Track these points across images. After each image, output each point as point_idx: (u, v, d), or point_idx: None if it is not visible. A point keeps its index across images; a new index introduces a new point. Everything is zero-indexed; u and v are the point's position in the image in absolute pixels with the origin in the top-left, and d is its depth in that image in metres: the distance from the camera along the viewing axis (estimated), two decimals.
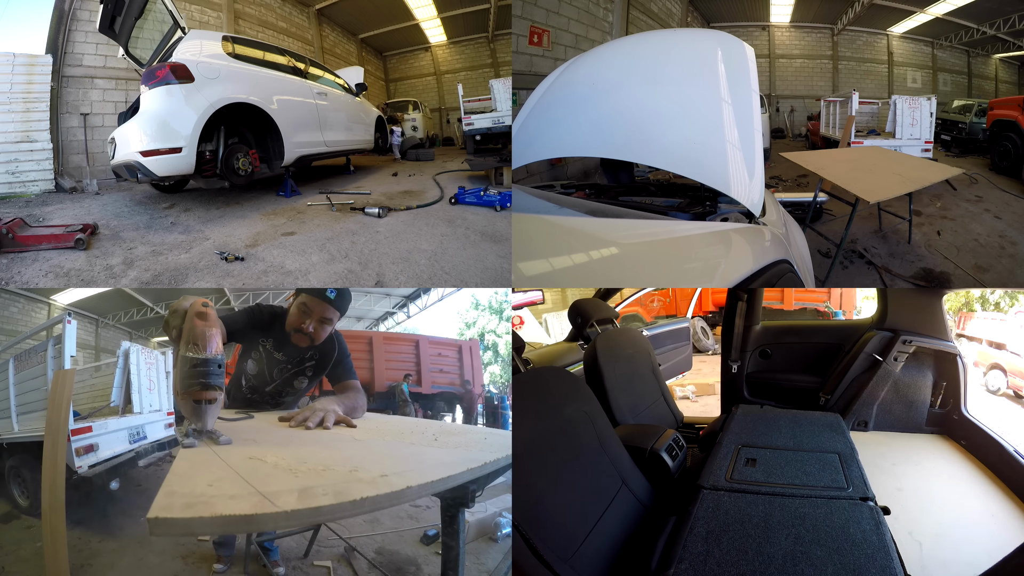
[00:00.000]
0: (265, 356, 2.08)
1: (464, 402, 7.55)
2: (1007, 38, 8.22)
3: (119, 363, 3.46)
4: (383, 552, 2.97)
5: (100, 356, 8.32)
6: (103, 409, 3.43)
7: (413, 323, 9.61)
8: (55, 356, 3.05)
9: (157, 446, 3.52)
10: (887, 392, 2.98)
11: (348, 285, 3.03)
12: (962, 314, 7.21)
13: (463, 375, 7.70)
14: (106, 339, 9.21)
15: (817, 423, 2.47)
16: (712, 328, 7.71)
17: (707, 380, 5.71)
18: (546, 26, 5.55)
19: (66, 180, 4.87)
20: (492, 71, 8.98)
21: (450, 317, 11.35)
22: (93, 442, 3.05)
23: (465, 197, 4.47)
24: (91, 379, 3.92)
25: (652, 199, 2.57)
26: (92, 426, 3.07)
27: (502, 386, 8.74)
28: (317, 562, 2.74)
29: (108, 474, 3.09)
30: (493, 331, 10.92)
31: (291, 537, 2.82)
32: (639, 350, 3.00)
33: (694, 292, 7.58)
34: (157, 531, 0.88)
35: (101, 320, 9.35)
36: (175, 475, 1.13)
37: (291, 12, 7.77)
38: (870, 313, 3.42)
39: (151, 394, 3.61)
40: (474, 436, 1.76)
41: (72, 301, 8.23)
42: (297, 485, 1.10)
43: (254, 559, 2.57)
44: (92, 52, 5.16)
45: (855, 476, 1.93)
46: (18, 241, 3.33)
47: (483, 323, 11.17)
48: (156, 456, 3.52)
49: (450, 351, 7.86)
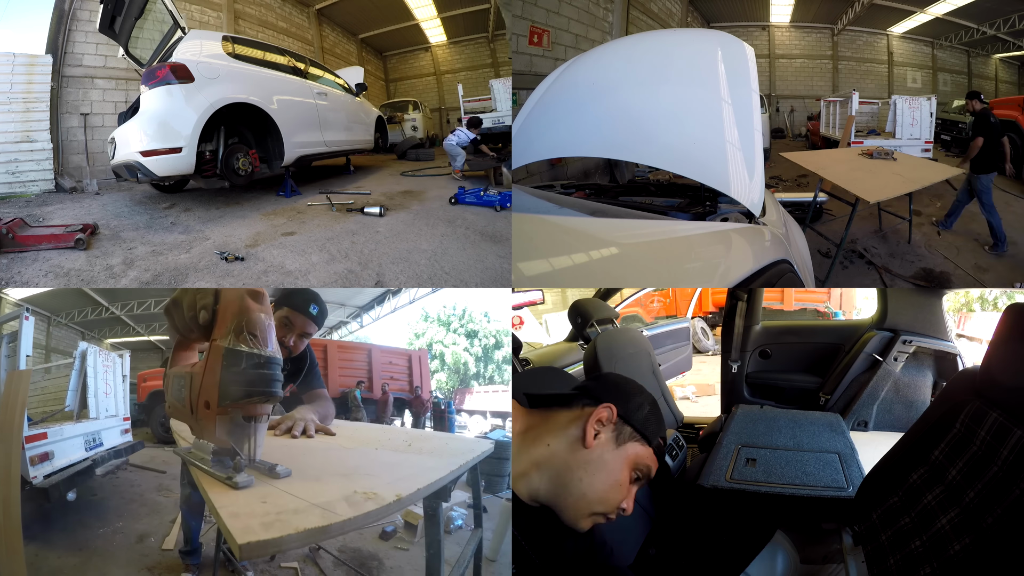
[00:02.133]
0: None
1: (413, 407, 8.03)
2: (1007, 38, 8.21)
3: (75, 365, 3.28)
4: (345, 550, 3.00)
5: (51, 357, 7.68)
6: (57, 414, 3.25)
7: (365, 333, 10.05)
8: (9, 355, 2.86)
9: (114, 453, 3.34)
10: (887, 392, 2.98)
11: (348, 285, 3.03)
12: (962, 314, 7.21)
13: (412, 382, 8.16)
14: (57, 338, 8.52)
15: (817, 423, 2.47)
16: (712, 328, 7.71)
17: (707, 380, 5.71)
18: (546, 26, 5.55)
19: (66, 180, 4.87)
20: (492, 71, 8.97)
21: (401, 328, 11.91)
22: (48, 450, 2.85)
23: (465, 197, 4.46)
24: (42, 381, 3.72)
25: (652, 199, 2.58)
26: (47, 432, 2.86)
27: (448, 393, 9.47)
28: (284, 564, 2.74)
29: (65, 484, 2.87)
30: (441, 342, 11.49)
31: None
32: (639, 350, 3.00)
33: (694, 292, 7.59)
34: (249, 555, 0.88)
35: (53, 318, 8.57)
36: (220, 495, 1.09)
37: (291, 12, 7.76)
38: (870, 313, 3.42)
39: (107, 398, 3.43)
40: (438, 442, 1.91)
41: (24, 296, 7.90)
42: (339, 494, 1.12)
43: (223, 565, 2.54)
44: (92, 52, 5.16)
45: (855, 476, 1.94)
46: (18, 241, 3.32)
47: (432, 334, 11.82)
48: (113, 464, 3.35)
49: (400, 360, 8.29)
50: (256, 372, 1.09)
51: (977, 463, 1.29)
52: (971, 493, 1.27)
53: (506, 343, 11.47)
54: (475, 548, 2.05)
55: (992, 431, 1.29)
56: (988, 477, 1.24)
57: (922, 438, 1.51)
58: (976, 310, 7.39)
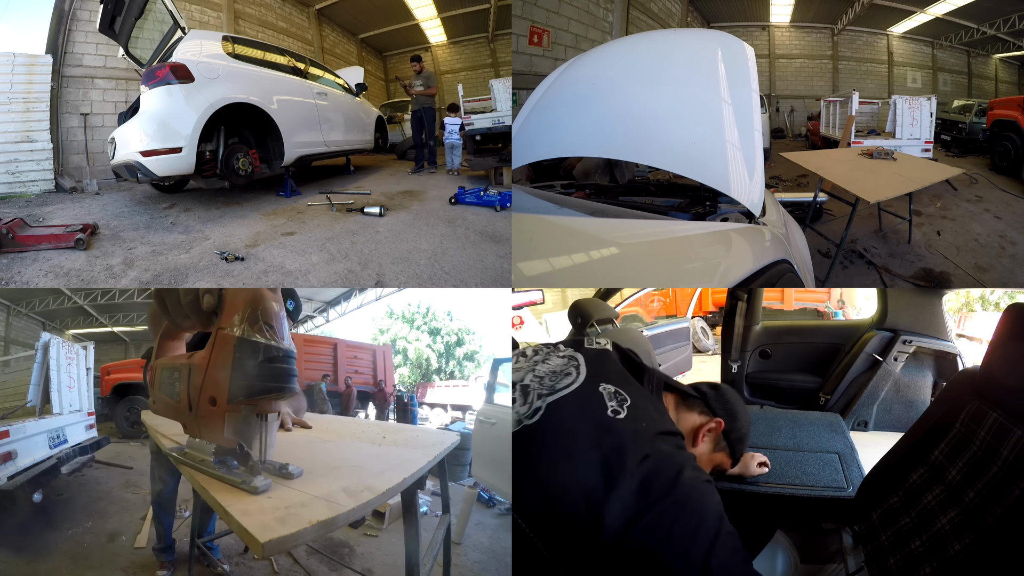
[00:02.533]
0: None
1: (377, 400, 8.27)
2: (1007, 38, 8.21)
3: (37, 357, 3.13)
4: (316, 539, 2.98)
5: (10, 349, 7.36)
6: (18, 410, 3.10)
7: (331, 327, 10.30)
8: None
9: (79, 450, 3.19)
10: (887, 392, 2.98)
11: (348, 285, 3.03)
12: (962, 314, 7.21)
13: (376, 376, 8.40)
14: (17, 329, 8.10)
15: (817, 423, 2.47)
16: (712, 328, 7.71)
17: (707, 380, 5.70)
18: (546, 26, 5.55)
19: (66, 180, 4.87)
20: (492, 71, 8.97)
21: (366, 324, 12.24)
22: (11, 448, 2.71)
23: (465, 197, 4.46)
24: (2, 375, 3.57)
25: (652, 199, 2.57)
26: (9, 430, 2.71)
27: (410, 386, 9.89)
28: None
29: (30, 485, 2.72)
30: (404, 338, 11.93)
31: (231, 535, 2.75)
32: (639, 350, 3.00)
33: (694, 292, 7.59)
34: (271, 552, 0.88)
35: (13, 307, 8.17)
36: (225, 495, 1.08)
37: (291, 12, 7.76)
38: (870, 313, 3.42)
39: (71, 392, 3.27)
40: (410, 434, 2.05)
41: None
42: (337, 486, 1.14)
43: (198, 561, 2.53)
44: (92, 52, 5.16)
45: (855, 476, 1.94)
46: (18, 241, 3.32)
47: (396, 330, 12.24)
48: (79, 461, 3.20)
49: (365, 354, 8.51)
50: (273, 366, 1.01)
51: (977, 463, 1.29)
52: (971, 493, 1.27)
53: (467, 340, 11.76)
54: (445, 532, 2.17)
55: (992, 431, 1.29)
56: (988, 477, 1.24)
57: (922, 438, 1.51)
58: (976, 310, 7.39)
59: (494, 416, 3.28)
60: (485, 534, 3.56)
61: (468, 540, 3.37)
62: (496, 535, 3.60)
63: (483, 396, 3.65)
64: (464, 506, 3.44)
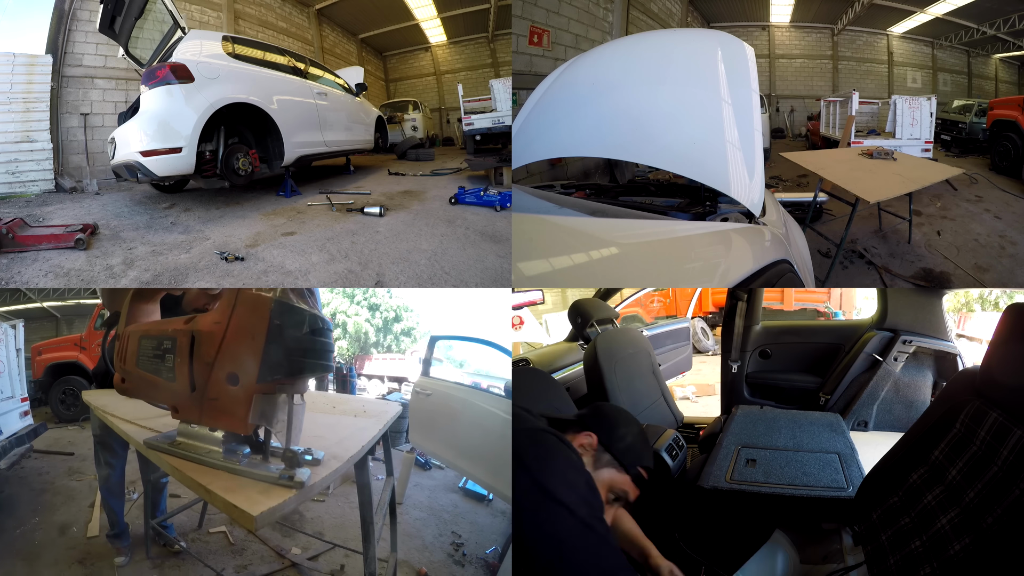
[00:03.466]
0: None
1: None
2: (1007, 38, 8.21)
3: None
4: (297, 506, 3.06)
5: None
6: None
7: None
8: None
9: (16, 440, 2.96)
10: (887, 392, 2.98)
11: (348, 285, 3.03)
12: (962, 314, 7.21)
13: None
14: None
15: (817, 423, 2.47)
16: (712, 328, 7.71)
17: (707, 380, 5.70)
18: (546, 26, 5.54)
19: (66, 180, 4.87)
20: (492, 71, 8.97)
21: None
22: None
23: (465, 197, 4.46)
24: None
25: (652, 199, 2.58)
26: None
27: (349, 359, 10.21)
28: (212, 529, 2.81)
29: None
30: (344, 312, 11.92)
31: (183, 512, 2.77)
32: (639, 350, 3.00)
33: (694, 292, 7.58)
34: (263, 523, 0.89)
35: None
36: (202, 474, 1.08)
37: (291, 12, 7.76)
38: (870, 313, 3.42)
39: (2, 377, 3.02)
40: (356, 404, 2.22)
41: None
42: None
43: (154, 541, 2.51)
44: (92, 52, 5.16)
45: (855, 476, 1.94)
46: (18, 241, 3.32)
47: (336, 305, 12.42)
48: (17, 453, 2.99)
49: None
50: (317, 339, 0.85)
51: (977, 463, 1.29)
52: (971, 493, 1.26)
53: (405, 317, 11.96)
54: (391, 494, 2.37)
55: (992, 431, 1.29)
56: (988, 477, 1.24)
57: (922, 438, 1.51)
58: (976, 310, 7.38)
59: (429, 388, 3.46)
60: (423, 494, 3.91)
61: (408, 500, 3.75)
62: (433, 495, 3.93)
63: (419, 369, 3.77)
64: (404, 469, 3.79)
